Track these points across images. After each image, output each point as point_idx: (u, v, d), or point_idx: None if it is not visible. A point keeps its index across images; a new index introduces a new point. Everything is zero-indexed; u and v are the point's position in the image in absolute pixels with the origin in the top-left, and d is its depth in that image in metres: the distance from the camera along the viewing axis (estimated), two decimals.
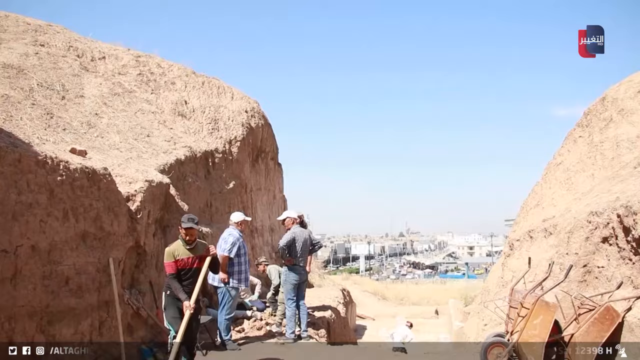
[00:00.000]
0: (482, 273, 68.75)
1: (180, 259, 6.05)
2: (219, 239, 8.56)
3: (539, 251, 9.01)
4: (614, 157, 9.29)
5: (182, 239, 6.11)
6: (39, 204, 5.75)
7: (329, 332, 11.18)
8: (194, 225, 6.07)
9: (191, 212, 9.91)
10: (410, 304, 31.88)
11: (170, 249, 6.07)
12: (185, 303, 5.90)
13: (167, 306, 6.14)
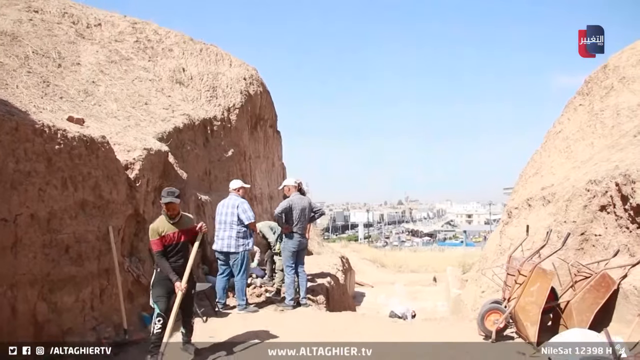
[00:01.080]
0: (480, 241, 69.26)
1: (166, 234, 5.83)
2: (232, 209, 8.53)
3: (537, 219, 9.05)
4: (614, 125, 9.26)
5: (165, 214, 5.87)
6: (37, 172, 5.74)
7: (328, 299, 11.29)
8: (173, 200, 5.78)
9: (190, 181, 9.94)
10: (409, 271, 32.15)
11: (155, 226, 5.84)
12: (176, 284, 5.76)
13: (155, 283, 5.94)
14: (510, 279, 7.36)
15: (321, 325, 7.73)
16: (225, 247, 8.46)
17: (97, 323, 6.70)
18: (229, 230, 8.47)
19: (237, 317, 8.17)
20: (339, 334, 7.11)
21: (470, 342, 4.14)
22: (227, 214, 8.54)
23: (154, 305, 5.91)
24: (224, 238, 8.49)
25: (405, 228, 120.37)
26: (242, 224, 8.51)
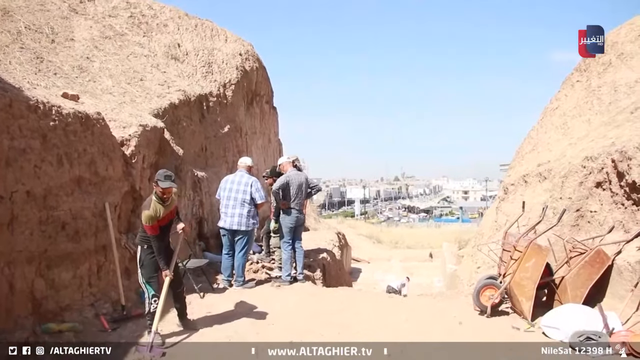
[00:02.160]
0: (476, 217, 69.58)
1: (161, 217, 5.84)
2: (245, 186, 8.46)
3: (533, 195, 9.08)
4: (611, 102, 9.24)
5: (158, 197, 5.79)
6: (32, 149, 5.70)
7: (325, 274, 11.36)
8: (172, 185, 5.77)
9: (186, 157, 9.91)
10: (405, 247, 32.36)
11: (151, 213, 5.74)
12: (164, 272, 5.83)
13: (145, 263, 5.95)
14: (505, 254, 7.42)
15: (318, 303, 7.78)
16: (235, 225, 8.35)
17: (95, 299, 6.74)
18: (239, 208, 8.36)
19: (234, 292, 8.21)
20: (337, 314, 7.17)
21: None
22: (238, 191, 8.42)
23: (145, 285, 5.96)
24: (234, 215, 8.37)
25: (402, 204, 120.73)
26: (253, 202, 8.48)
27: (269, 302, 7.50)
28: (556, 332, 6.03)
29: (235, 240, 8.44)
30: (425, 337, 6.18)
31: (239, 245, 8.43)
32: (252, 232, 8.67)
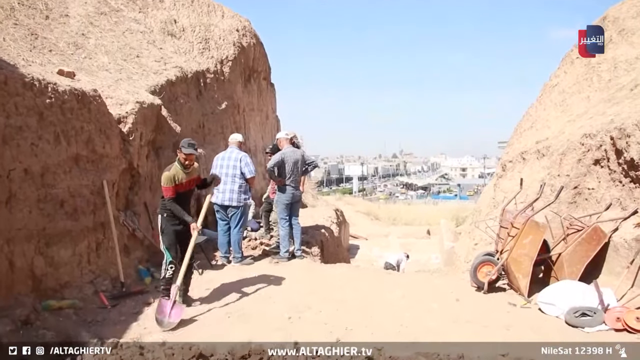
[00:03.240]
0: (473, 194, 69.71)
1: (180, 182, 6.07)
2: (235, 162, 8.54)
3: (531, 172, 9.08)
4: (610, 78, 9.18)
5: (181, 163, 6.08)
6: (29, 127, 5.67)
7: (323, 251, 11.41)
8: (194, 151, 6.06)
9: (184, 134, 9.87)
10: (403, 224, 32.44)
11: (171, 174, 6.01)
12: (192, 225, 6.04)
13: (165, 230, 6.17)
14: (503, 231, 7.45)
15: (316, 279, 7.83)
16: (227, 200, 8.43)
17: (95, 276, 6.77)
18: (230, 184, 8.43)
19: (233, 269, 8.26)
20: (335, 290, 7.22)
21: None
22: (228, 167, 8.49)
23: (165, 251, 6.17)
24: (225, 191, 8.44)
25: (400, 181, 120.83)
26: (243, 177, 8.50)
27: (267, 278, 7.55)
28: (552, 308, 6.09)
29: (230, 216, 8.49)
30: (422, 313, 6.25)
31: (233, 221, 8.48)
32: (246, 207, 8.71)
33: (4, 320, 5.12)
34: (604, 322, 5.56)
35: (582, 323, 5.61)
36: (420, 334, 5.52)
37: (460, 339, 5.33)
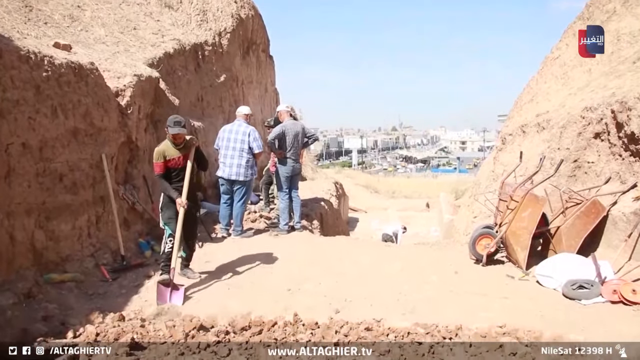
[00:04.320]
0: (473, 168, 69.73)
1: (171, 158, 6.01)
2: (243, 136, 8.46)
3: (531, 146, 9.06)
4: (613, 51, 9.08)
5: (171, 141, 6.03)
6: (26, 100, 5.63)
7: (322, 223, 11.47)
8: (181, 131, 5.94)
9: (182, 107, 9.82)
10: (402, 197, 32.50)
11: (160, 150, 5.99)
12: (177, 201, 5.97)
13: (164, 207, 6.16)
14: (502, 204, 7.47)
15: (316, 251, 7.87)
16: (234, 175, 8.39)
17: (95, 250, 6.80)
18: (237, 158, 8.38)
19: (233, 242, 8.30)
20: (335, 262, 7.26)
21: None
22: (236, 141, 8.42)
23: (164, 227, 6.15)
24: (232, 166, 8.39)
25: (399, 154, 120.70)
26: (251, 152, 8.46)
27: (267, 251, 7.59)
28: (550, 281, 6.14)
29: (234, 190, 8.47)
30: (421, 285, 6.30)
31: (237, 195, 8.47)
32: (251, 182, 8.70)
33: (7, 293, 5.17)
34: (600, 295, 5.61)
35: (579, 295, 5.66)
36: (419, 304, 5.58)
37: (459, 309, 5.39)
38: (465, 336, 4.63)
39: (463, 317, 5.10)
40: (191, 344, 4.46)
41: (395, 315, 5.24)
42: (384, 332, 4.74)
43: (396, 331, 4.74)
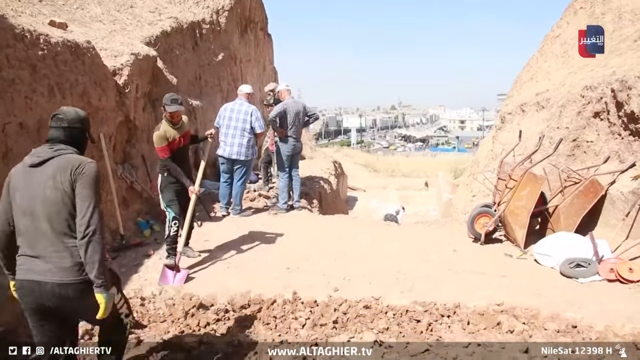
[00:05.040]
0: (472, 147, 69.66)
1: (173, 139, 5.89)
2: (245, 115, 8.37)
3: (530, 125, 9.04)
4: (614, 29, 8.99)
5: (168, 120, 5.88)
6: (22, 80, 5.58)
7: (321, 202, 11.48)
8: (179, 108, 5.81)
9: (180, 86, 9.76)
10: (401, 176, 32.52)
11: (161, 133, 5.81)
12: (190, 188, 5.92)
13: (164, 189, 6.06)
14: (501, 183, 7.48)
15: (315, 230, 7.90)
16: (235, 154, 8.34)
17: None
18: (239, 138, 8.32)
19: (232, 221, 8.32)
20: (333, 241, 7.29)
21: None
22: (238, 120, 8.34)
23: (166, 209, 6.09)
24: (234, 145, 8.34)
25: (398, 133, 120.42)
26: (253, 132, 8.41)
27: (266, 230, 7.61)
28: (547, 259, 6.18)
29: (234, 169, 8.45)
30: (420, 263, 6.34)
31: (237, 174, 8.45)
32: (251, 162, 8.68)
33: None
34: (597, 273, 5.65)
35: (576, 274, 5.70)
36: (418, 282, 5.62)
37: (457, 287, 5.43)
38: (463, 314, 4.68)
39: (461, 295, 5.14)
40: (191, 323, 4.50)
41: (393, 293, 5.28)
42: (382, 309, 4.78)
43: (395, 309, 4.78)
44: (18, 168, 3.05)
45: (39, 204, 2.88)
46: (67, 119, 3.17)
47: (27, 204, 2.90)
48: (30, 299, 2.90)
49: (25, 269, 2.90)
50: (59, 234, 2.89)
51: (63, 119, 3.17)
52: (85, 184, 2.96)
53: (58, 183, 2.90)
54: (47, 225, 2.87)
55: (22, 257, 2.93)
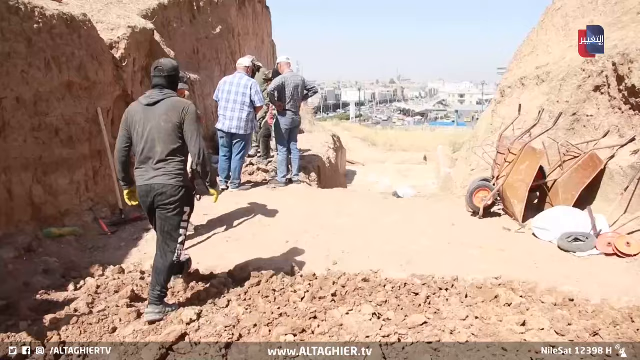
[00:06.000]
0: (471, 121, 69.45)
1: None
2: (244, 89, 8.24)
3: (530, 98, 8.99)
4: (617, 2, 8.86)
5: None
6: (18, 53, 5.53)
7: (320, 176, 11.50)
8: (183, 87, 5.77)
9: (178, 59, 9.65)
10: (400, 150, 32.49)
11: None
12: None
13: None
14: (500, 157, 7.47)
15: (313, 204, 7.91)
16: (234, 128, 8.26)
17: (93, 204, 6.82)
18: (238, 112, 8.23)
19: (231, 194, 8.31)
20: (332, 215, 7.31)
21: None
22: (237, 94, 8.24)
23: None
24: (233, 119, 8.25)
25: (397, 107, 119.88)
26: (252, 105, 8.35)
27: (265, 203, 7.62)
28: (545, 233, 6.20)
29: (233, 143, 8.40)
30: (418, 236, 6.37)
31: (236, 149, 8.41)
32: (250, 136, 8.64)
33: (8, 247, 5.22)
34: (595, 247, 5.68)
35: (574, 248, 5.73)
36: (416, 256, 5.65)
37: (455, 260, 5.46)
38: (461, 287, 4.71)
39: (459, 268, 5.18)
40: (191, 296, 4.53)
41: (392, 267, 5.31)
42: (381, 282, 4.81)
43: (393, 282, 4.81)
44: (135, 106, 4.26)
45: (154, 132, 4.07)
46: (166, 69, 4.23)
47: (146, 132, 4.09)
48: (145, 198, 4.18)
49: (143, 177, 4.13)
50: (167, 154, 4.08)
51: (163, 69, 4.22)
52: (191, 121, 4.14)
53: (169, 118, 4.08)
54: (159, 148, 4.07)
55: (139, 170, 4.17)
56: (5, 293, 4.39)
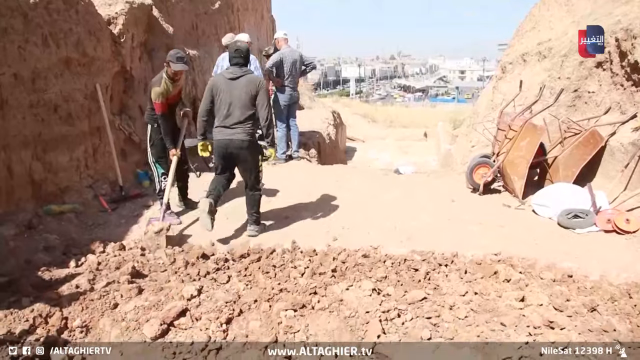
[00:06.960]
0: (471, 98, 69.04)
1: (170, 95, 5.90)
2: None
3: (531, 75, 8.92)
4: None
5: (169, 76, 5.80)
6: (15, 29, 5.47)
7: (320, 153, 11.49)
8: (184, 67, 5.75)
9: (177, 35, 9.59)
10: (400, 126, 32.33)
11: (161, 90, 5.76)
12: (172, 151, 6.03)
13: (155, 142, 6.10)
14: (500, 133, 7.45)
15: (313, 180, 7.91)
16: None
17: (93, 181, 6.82)
18: None
19: None
20: (332, 191, 7.30)
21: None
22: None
23: (155, 165, 6.18)
24: None
25: (397, 83, 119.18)
26: None
27: (264, 180, 7.60)
28: (545, 210, 6.21)
29: None
30: (418, 212, 6.38)
31: None
32: None
33: (8, 224, 5.24)
34: (594, 224, 5.69)
35: (573, 224, 5.74)
36: (416, 232, 5.67)
37: (455, 236, 5.48)
38: (461, 263, 4.74)
39: (459, 244, 5.20)
40: (191, 272, 4.55)
41: (392, 243, 5.33)
42: (380, 258, 4.84)
43: (393, 258, 4.84)
44: (219, 79, 5.48)
45: (235, 100, 5.31)
46: (243, 51, 5.46)
47: (229, 100, 5.31)
48: (223, 150, 5.40)
49: (223, 133, 5.35)
50: (243, 117, 5.32)
51: (242, 51, 5.45)
52: (263, 94, 5.37)
53: (248, 90, 5.32)
54: (238, 112, 5.30)
55: (219, 127, 5.37)
56: (7, 270, 4.41)
